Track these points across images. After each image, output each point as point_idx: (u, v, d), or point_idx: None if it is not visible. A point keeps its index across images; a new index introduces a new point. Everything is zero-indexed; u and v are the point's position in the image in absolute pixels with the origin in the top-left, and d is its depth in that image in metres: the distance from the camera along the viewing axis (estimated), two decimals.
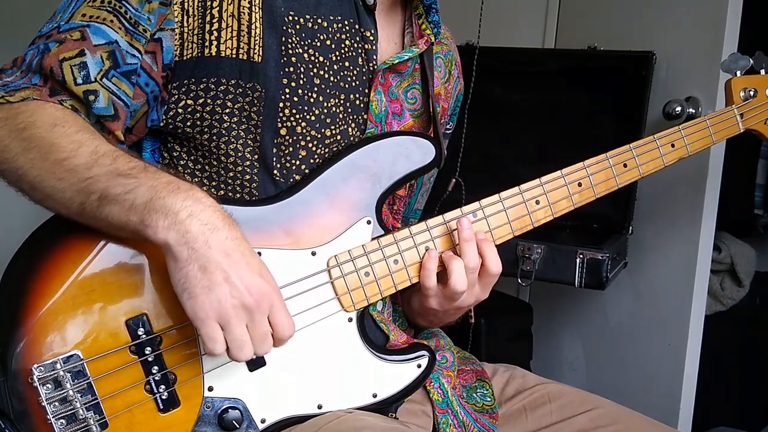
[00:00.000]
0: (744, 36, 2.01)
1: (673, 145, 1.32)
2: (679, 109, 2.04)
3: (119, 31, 1.07)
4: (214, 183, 1.15)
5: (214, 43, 1.10)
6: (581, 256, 1.96)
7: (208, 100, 1.11)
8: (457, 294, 1.16)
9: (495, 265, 1.17)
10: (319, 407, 1.12)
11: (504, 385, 1.38)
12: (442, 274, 1.17)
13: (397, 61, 1.23)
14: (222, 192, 1.15)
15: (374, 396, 1.16)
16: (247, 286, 0.97)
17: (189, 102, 1.11)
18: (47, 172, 0.99)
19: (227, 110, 1.12)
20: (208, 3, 1.10)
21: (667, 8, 2.19)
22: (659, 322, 2.22)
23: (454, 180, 1.52)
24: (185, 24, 1.09)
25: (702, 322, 2.16)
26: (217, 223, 0.97)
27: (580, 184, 1.25)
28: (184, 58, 1.10)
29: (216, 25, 1.10)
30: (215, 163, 1.15)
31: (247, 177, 1.14)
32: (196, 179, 1.15)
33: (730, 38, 1.98)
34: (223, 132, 1.13)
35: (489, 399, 1.33)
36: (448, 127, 1.44)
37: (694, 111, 2.04)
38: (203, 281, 0.95)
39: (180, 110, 1.12)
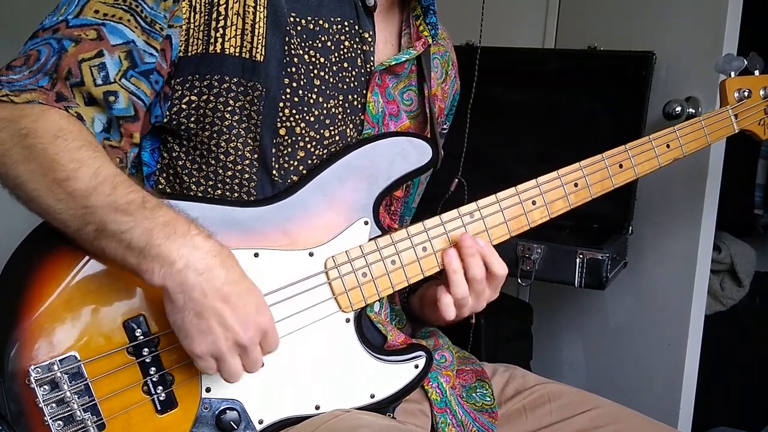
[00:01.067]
0: (744, 36, 2.01)
1: (668, 146, 1.33)
2: (679, 109, 2.03)
3: (136, 30, 1.06)
4: (211, 182, 1.15)
5: (219, 40, 1.10)
6: (581, 256, 1.96)
7: (211, 97, 1.11)
8: (462, 299, 1.17)
9: (501, 268, 1.18)
10: (317, 408, 1.12)
11: (504, 385, 1.37)
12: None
13: (394, 63, 1.23)
14: (219, 191, 1.15)
15: (372, 396, 1.16)
16: (243, 326, 1.00)
17: (192, 98, 1.11)
18: (45, 188, 0.99)
19: (229, 108, 1.12)
20: (215, 0, 1.10)
21: (667, 8, 2.18)
22: (659, 322, 2.22)
23: (456, 180, 1.52)
24: (192, 20, 1.09)
25: (702, 322, 2.16)
26: (214, 270, 0.98)
27: (576, 185, 1.25)
28: (189, 54, 1.10)
29: (222, 23, 1.10)
30: (213, 162, 1.14)
31: (246, 176, 1.14)
32: (194, 179, 1.15)
33: (729, 38, 1.98)
34: (224, 130, 1.13)
35: (489, 399, 1.33)
36: (444, 126, 1.44)
37: (694, 111, 2.04)
38: (199, 326, 0.98)
39: (183, 106, 1.12)
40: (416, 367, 1.18)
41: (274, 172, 1.15)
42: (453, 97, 1.45)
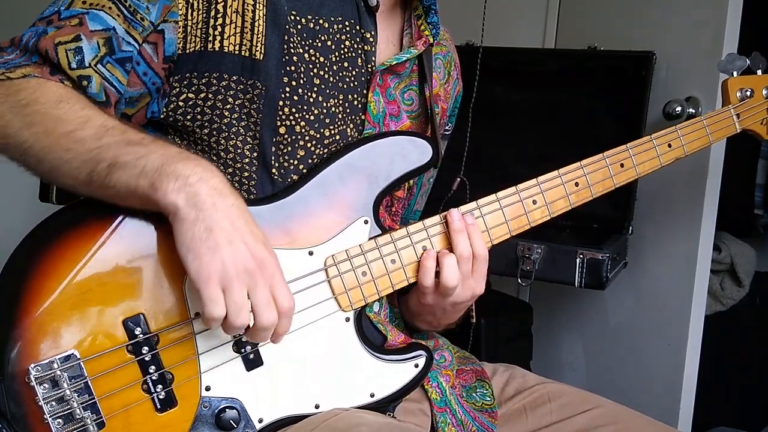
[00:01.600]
0: (744, 36, 2.01)
1: (669, 145, 1.33)
2: (679, 109, 2.04)
3: (117, 18, 1.08)
4: None
5: (218, 38, 1.11)
6: (581, 256, 1.95)
7: (210, 95, 1.12)
8: (449, 289, 1.16)
9: (482, 248, 1.18)
10: (317, 407, 1.12)
11: (504, 385, 1.37)
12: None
13: (395, 63, 1.23)
14: None
15: (372, 395, 1.16)
16: (251, 250, 0.99)
17: (190, 96, 1.12)
18: (54, 143, 1.00)
19: (228, 106, 1.12)
20: None
21: (667, 8, 2.18)
22: (659, 322, 2.22)
23: (458, 179, 1.52)
24: (189, 17, 1.10)
25: (702, 322, 2.16)
26: (224, 189, 0.99)
27: (577, 184, 1.25)
28: (187, 51, 1.10)
29: (220, 21, 1.11)
30: (214, 158, 1.14)
31: (246, 174, 1.14)
32: None
33: (730, 38, 1.98)
34: (224, 128, 1.13)
35: (488, 399, 1.33)
36: (447, 128, 1.44)
37: (694, 111, 2.04)
38: (208, 242, 0.97)
39: (181, 103, 1.12)
40: (416, 366, 1.18)
41: (274, 170, 1.15)
42: (455, 98, 1.44)
